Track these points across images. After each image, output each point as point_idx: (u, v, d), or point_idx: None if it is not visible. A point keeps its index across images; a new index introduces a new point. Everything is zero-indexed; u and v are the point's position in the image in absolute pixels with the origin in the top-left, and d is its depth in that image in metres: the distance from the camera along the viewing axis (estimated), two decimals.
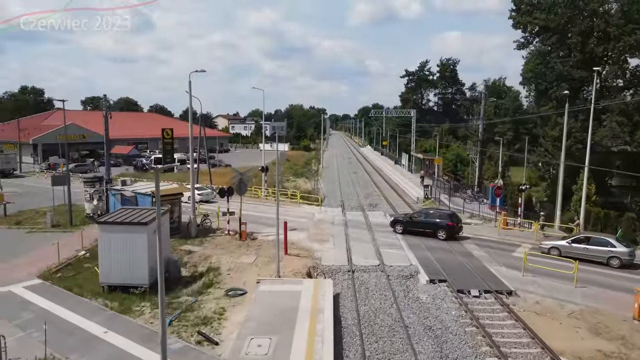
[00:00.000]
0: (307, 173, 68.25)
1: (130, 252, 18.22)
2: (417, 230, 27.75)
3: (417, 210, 31.56)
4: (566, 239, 24.31)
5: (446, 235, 26.73)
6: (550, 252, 23.74)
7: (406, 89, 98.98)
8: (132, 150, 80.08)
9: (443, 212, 28.88)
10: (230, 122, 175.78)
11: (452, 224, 27.14)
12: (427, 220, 27.89)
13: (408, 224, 28.32)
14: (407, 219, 28.96)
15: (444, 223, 27.17)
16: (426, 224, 27.65)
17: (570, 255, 22.71)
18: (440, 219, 27.58)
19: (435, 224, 27.34)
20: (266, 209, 35.93)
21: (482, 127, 41.89)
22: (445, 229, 26.94)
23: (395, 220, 29.42)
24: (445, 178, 49.45)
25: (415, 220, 28.40)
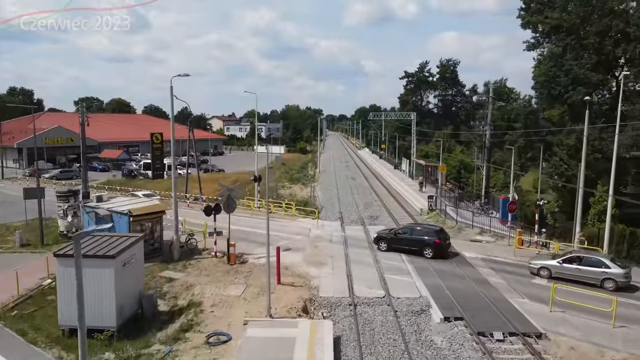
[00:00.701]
0: (304, 179, 65.57)
1: (94, 290, 15.48)
2: (402, 247, 25.74)
3: (403, 226, 29.18)
4: (557, 258, 22.25)
5: (433, 254, 24.78)
6: (540, 272, 22.20)
7: (405, 90, 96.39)
8: (121, 155, 77.06)
9: (430, 229, 26.67)
10: (225, 124, 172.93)
11: (440, 241, 25.08)
12: (412, 237, 25.87)
13: (392, 241, 26.27)
14: (391, 236, 26.66)
15: (430, 240, 25.08)
16: (412, 241, 25.66)
17: (561, 276, 21.32)
18: (426, 235, 25.46)
19: (422, 242, 25.29)
20: (259, 223, 33.14)
21: (489, 133, 39.28)
22: (432, 247, 24.90)
23: (379, 237, 27.05)
24: (449, 186, 46.85)
25: (400, 237, 26.24)
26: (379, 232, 28.37)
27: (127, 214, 22.83)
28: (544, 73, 34.64)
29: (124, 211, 23.04)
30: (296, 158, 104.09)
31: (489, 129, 39.33)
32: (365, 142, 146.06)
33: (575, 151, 32.23)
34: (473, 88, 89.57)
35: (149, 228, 24.04)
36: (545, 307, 18.34)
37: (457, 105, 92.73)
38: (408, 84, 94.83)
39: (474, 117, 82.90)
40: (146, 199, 26.98)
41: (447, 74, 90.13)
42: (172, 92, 24.08)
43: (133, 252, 17.08)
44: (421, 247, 25.16)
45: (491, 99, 39.02)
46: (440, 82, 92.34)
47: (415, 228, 26.97)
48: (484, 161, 39.84)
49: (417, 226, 27.86)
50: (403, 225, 29.67)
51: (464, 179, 52.79)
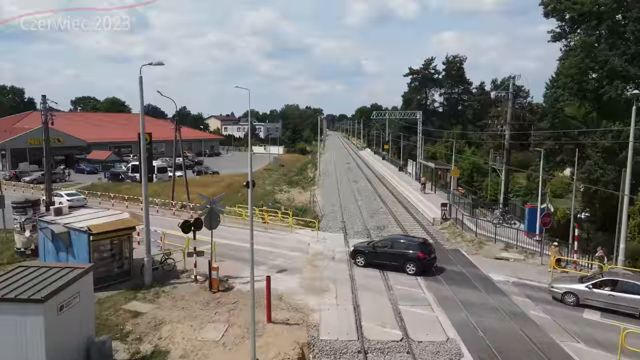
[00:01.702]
0: (303, 181, 61.56)
1: (14, 346, 11.48)
2: (381, 262, 22.85)
3: (382, 238, 25.63)
4: (585, 281, 18.59)
5: (416, 270, 21.94)
6: (565, 298, 18.66)
7: (409, 88, 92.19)
8: (110, 155, 72.95)
9: (413, 241, 23.41)
10: (223, 124, 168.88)
11: (424, 255, 22.12)
12: (393, 251, 22.86)
13: (371, 255, 23.31)
14: (369, 249, 23.53)
15: (413, 255, 22.16)
16: (392, 256, 22.68)
17: (590, 304, 17.96)
18: (409, 249, 22.49)
19: (403, 256, 22.41)
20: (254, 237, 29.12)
21: (508, 134, 35.22)
22: (415, 262, 22.07)
23: (356, 250, 23.97)
24: (461, 191, 42.77)
25: (379, 251, 23.17)
26: (357, 244, 25.09)
27: (85, 231, 18.77)
28: (574, 65, 30.59)
29: (82, 228, 18.96)
30: (295, 159, 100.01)
31: (508, 129, 35.27)
32: (366, 142, 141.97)
33: (612, 154, 28.18)
34: (481, 86, 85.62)
35: (115, 248, 20.01)
36: (610, 357, 14.30)
37: (463, 103, 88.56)
38: (412, 81, 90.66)
39: (483, 116, 78.71)
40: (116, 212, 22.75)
41: (453, 71, 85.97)
42: (142, 83, 20.03)
43: (76, 289, 13.04)
44: (403, 262, 22.30)
45: (511, 95, 34.91)
46: (446, 80, 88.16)
47: (397, 240, 23.71)
48: (503, 164, 35.77)
49: (399, 238, 24.51)
50: (383, 237, 26.11)
51: (477, 183, 48.77)
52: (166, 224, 32.21)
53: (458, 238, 29.49)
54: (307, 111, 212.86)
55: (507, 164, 35.67)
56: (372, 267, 22.97)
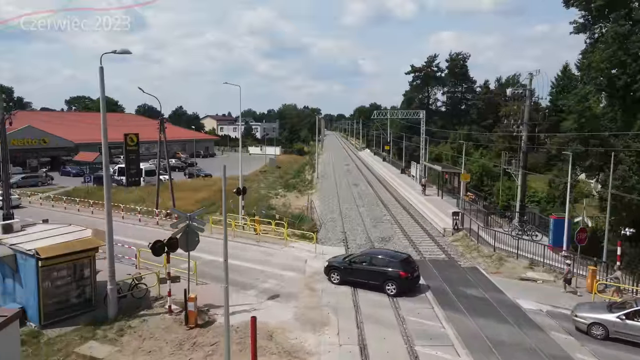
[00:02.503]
0: (300, 184, 58.20)
1: None
2: (358, 281, 20.38)
3: (360, 253, 22.66)
4: (616, 310, 15.60)
5: (397, 290, 19.39)
6: (592, 330, 15.65)
7: (411, 86, 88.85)
8: (97, 157, 69.35)
9: (394, 257, 20.67)
10: (219, 123, 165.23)
11: (405, 274, 19.58)
12: (371, 267, 20.34)
13: (347, 271, 20.75)
14: (345, 265, 20.93)
15: (394, 273, 19.61)
16: (370, 273, 20.18)
17: (622, 337, 15.07)
18: (389, 266, 19.92)
19: (383, 274, 19.85)
20: (241, 252, 25.94)
21: (525, 135, 31.94)
22: (396, 281, 19.53)
23: (331, 265, 21.37)
24: (471, 197, 39.50)
25: (356, 268, 20.63)
26: (331, 259, 22.21)
27: (34, 255, 15.39)
28: (606, 58, 27.33)
29: (29, 251, 15.58)
30: (292, 160, 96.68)
31: (525, 130, 31.98)
32: (365, 143, 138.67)
33: None
34: (485, 84, 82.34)
35: (73, 273, 16.65)
36: None
37: (467, 102, 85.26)
38: (414, 79, 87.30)
39: (488, 115, 75.50)
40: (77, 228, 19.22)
41: (456, 69, 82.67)
42: (102, 74, 16.70)
43: None
44: (382, 281, 19.78)
45: (529, 92, 31.63)
46: (449, 78, 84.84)
47: (376, 256, 21.07)
48: (519, 168, 32.50)
49: (378, 253, 21.68)
50: (360, 252, 22.96)
51: (487, 187, 45.53)
52: (147, 236, 28.78)
53: (474, 253, 26.21)
54: (304, 111, 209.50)
55: (524, 168, 32.39)
56: (349, 285, 20.35)
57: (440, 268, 23.20)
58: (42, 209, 39.48)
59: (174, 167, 75.68)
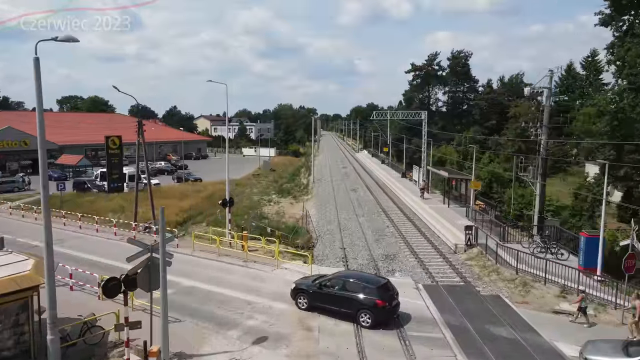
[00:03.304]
0: (295, 189, 54.70)
1: None
2: (328, 307, 17.79)
3: (332, 275, 19.25)
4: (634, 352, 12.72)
5: (372, 322, 16.68)
6: None
7: (411, 86, 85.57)
8: (81, 160, 65.78)
9: (370, 282, 17.86)
10: (213, 124, 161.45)
11: (382, 302, 16.75)
12: (344, 293, 17.59)
13: (316, 296, 18.13)
14: (314, 289, 18.25)
15: (368, 301, 16.89)
16: (342, 300, 17.49)
17: None
18: (363, 293, 17.17)
19: (356, 302, 17.11)
20: (226, 275, 22.54)
21: (544, 139, 28.69)
22: (371, 311, 16.79)
23: (298, 288, 18.74)
24: (481, 205, 36.24)
25: (325, 292, 18.00)
26: (300, 280, 19.41)
27: None
28: None
29: None
30: (288, 162, 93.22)
31: (545, 133, 28.72)
32: (362, 144, 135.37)
33: None
34: (488, 83, 79.21)
35: (5, 319, 13.17)
36: None
37: (469, 103, 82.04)
38: (414, 78, 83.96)
39: (491, 116, 72.39)
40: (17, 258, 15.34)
41: (458, 67, 79.45)
42: (38, 65, 13.19)
43: None
44: (356, 310, 17.05)
45: (548, 91, 28.37)
46: (450, 77, 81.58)
47: (349, 280, 18.17)
48: (537, 175, 29.21)
49: (352, 277, 18.57)
50: (333, 274, 19.53)
51: (497, 195, 42.27)
52: (122, 255, 25.36)
53: (492, 275, 22.85)
54: (300, 111, 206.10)
55: (544, 176, 29.13)
56: (317, 311, 17.86)
57: (457, 297, 19.85)
58: (11, 219, 36.01)
59: (163, 170, 72.18)
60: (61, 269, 20.32)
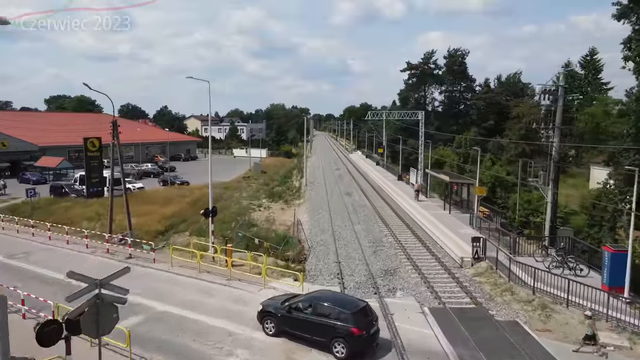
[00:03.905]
0: (287, 193, 52.04)
1: None
2: (298, 334, 15.74)
3: (304, 296, 16.94)
4: None
5: (347, 353, 14.61)
6: None
7: (406, 85, 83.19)
8: (62, 162, 62.65)
9: (346, 306, 15.51)
10: (204, 124, 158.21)
11: (359, 331, 14.61)
12: (315, 318, 15.45)
13: (284, 320, 16.06)
14: (283, 312, 16.19)
15: (343, 329, 14.77)
16: (314, 326, 15.37)
17: None
18: (338, 319, 15.01)
19: (329, 329, 14.99)
20: (205, 297, 19.88)
21: (557, 141, 26.31)
22: (346, 341, 14.69)
23: (265, 311, 16.60)
24: (486, 212, 33.86)
25: (295, 316, 15.89)
26: (267, 302, 17.28)
27: None
28: None
29: None
30: (279, 163, 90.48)
31: (557, 135, 26.34)
32: (356, 144, 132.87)
33: None
34: (486, 83, 77.00)
35: None
36: None
37: (466, 102, 79.80)
38: (410, 77, 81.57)
39: (489, 116, 70.20)
40: None
41: (455, 66, 77.17)
42: None
43: None
44: (330, 338, 14.99)
45: (561, 89, 25.99)
46: (446, 76, 79.27)
47: (321, 302, 15.82)
48: (548, 181, 26.82)
49: (326, 299, 16.03)
50: (305, 295, 17.23)
51: (501, 200, 39.94)
52: (91, 272, 22.61)
53: (506, 295, 20.38)
54: (293, 111, 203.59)
55: (556, 182, 26.75)
56: (286, 337, 15.84)
57: (469, 323, 17.34)
58: None
59: (149, 173, 69.13)
60: (14, 293, 17.66)
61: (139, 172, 67.41)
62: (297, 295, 17.73)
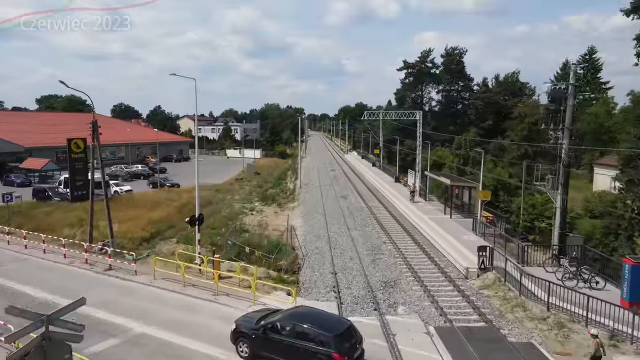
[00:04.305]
0: (280, 196, 50.26)
1: None
2: (274, 358, 14.12)
3: (283, 314, 15.20)
4: None
5: None
6: None
7: (403, 84, 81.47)
8: (47, 164, 60.49)
9: (327, 328, 13.80)
10: (198, 124, 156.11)
11: (340, 357, 13.06)
12: (293, 341, 13.85)
13: (259, 343, 14.48)
14: (258, 333, 14.49)
15: (324, 355, 13.21)
16: (291, 350, 13.80)
17: None
18: (317, 342, 13.44)
19: (308, 355, 13.43)
20: (189, 315, 18.06)
21: (567, 143, 24.70)
22: None
23: (238, 331, 15.05)
24: (490, 217, 32.25)
25: (271, 338, 14.28)
26: (240, 320, 15.57)
27: None
28: None
29: None
30: (274, 164, 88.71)
31: (567, 137, 24.71)
32: (351, 145, 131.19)
33: None
34: (484, 82, 75.53)
35: None
36: None
37: (464, 102, 78.26)
38: (407, 76, 79.90)
39: (487, 116, 68.73)
40: None
41: (452, 65, 75.62)
42: None
43: None
44: None
45: (572, 88, 24.37)
46: (444, 75, 77.69)
47: (301, 324, 14.09)
48: (557, 185, 25.20)
49: (306, 319, 14.33)
50: (283, 313, 15.41)
51: (504, 204, 38.34)
52: (65, 287, 20.93)
53: (518, 311, 18.71)
54: (287, 110, 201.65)
55: (565, 186, 25.13)
56: None
57: (480, 345, 15.65)
58: None
59: (139, 175, 67.07)
60: None
61: (129, 173, 65.41)
62: (275, 311, 16.07)
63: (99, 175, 48.68)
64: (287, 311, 15.60)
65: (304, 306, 16.95)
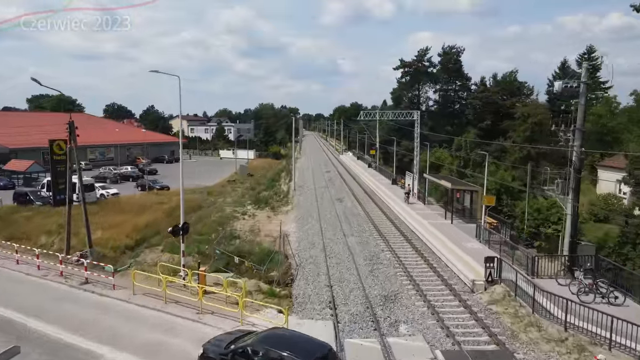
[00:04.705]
0: (274, 199, 48.46)
1: None
2: None
3: (255, 338, 13.56)
4: None
5: None
6: None
7: (399, 84, 79.84)
8: (32, 166, 58.36)
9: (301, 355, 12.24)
10: (190, 124, 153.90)
11: None
12: None
13: None
14: (227, 359, 12.89)
15: None
16: None
17: None
18: None
19: None
20: (170, 337, 16.25)
21: (579, 145, 23.08)
22: None
23: (205, 356, 13.50)
24: (493, 223, 30.61)
25: None
26: (209, 344, 14.03)
27: None
28: None
29: None
30: (267, 165, 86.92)
31: (578, 138, 23.10)
32: (346, 145, 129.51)
33: None
34: (482, 82, 73.94)
35: None
36: None
37: (461, 102, 76.74)
38: (404, 75, 78.25)
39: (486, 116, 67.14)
40: None
41: (450, 64, 74.05)
42: None
43: None
44: None
45: (583, 86, 22.76)
46: (441, 74, 76.12)
47: (273, 349, 12.55)
48: (568, 191, 23.59)
49: (277, 344, 12.82)
50: (254, 337, 13.76)
51: (507, 208, 36.71)
52: (32, 304, 19.01)
53: (532, 331, 17.01)
54: (282, 110, 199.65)
55: (577, 192, 23.51)
56: None
57: None
58: None
59: (129, 176, 65.01)
60: None
61: (118, 175, 63.33)
62: (248, 333, 14.43)
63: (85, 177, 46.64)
64: (261, 334, 13.91)
65: (280, 327, 15.29)
